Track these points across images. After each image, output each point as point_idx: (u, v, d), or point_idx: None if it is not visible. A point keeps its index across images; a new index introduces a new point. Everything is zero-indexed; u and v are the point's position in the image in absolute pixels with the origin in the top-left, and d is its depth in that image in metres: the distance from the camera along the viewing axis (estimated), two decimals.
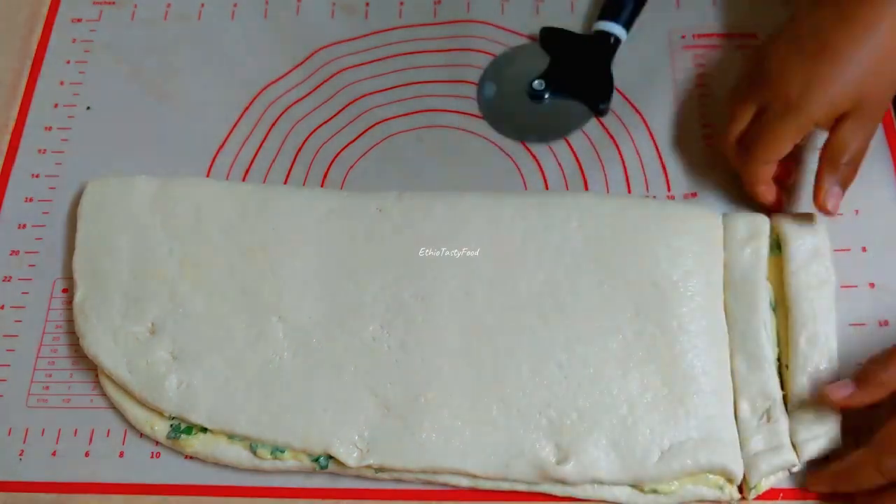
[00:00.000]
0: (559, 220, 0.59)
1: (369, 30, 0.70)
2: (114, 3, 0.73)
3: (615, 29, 0.66)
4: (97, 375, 0.58)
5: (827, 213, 0.55)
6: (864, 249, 0.59)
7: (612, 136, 0.65)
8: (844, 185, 0.55)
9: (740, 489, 0.53)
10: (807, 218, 0.58)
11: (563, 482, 0.52)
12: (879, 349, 0.55)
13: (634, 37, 0.67)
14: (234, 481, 0.55)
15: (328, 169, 0.65)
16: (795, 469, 0.53)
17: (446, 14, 0.71)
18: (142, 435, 0.56)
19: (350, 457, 0.53)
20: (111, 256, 0.60)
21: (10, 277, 0.62)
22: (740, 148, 0.58)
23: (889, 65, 0.53)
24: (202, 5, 0.72)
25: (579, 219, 0.59)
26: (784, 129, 0.54)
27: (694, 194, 0.62)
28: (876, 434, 0.49)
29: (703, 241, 0.57)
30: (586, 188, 0.63)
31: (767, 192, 0.58)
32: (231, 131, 0.67)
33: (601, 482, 0.52)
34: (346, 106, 0.67)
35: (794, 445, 0.52)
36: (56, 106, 0.68)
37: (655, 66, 0.67)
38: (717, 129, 0.62)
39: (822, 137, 0.55)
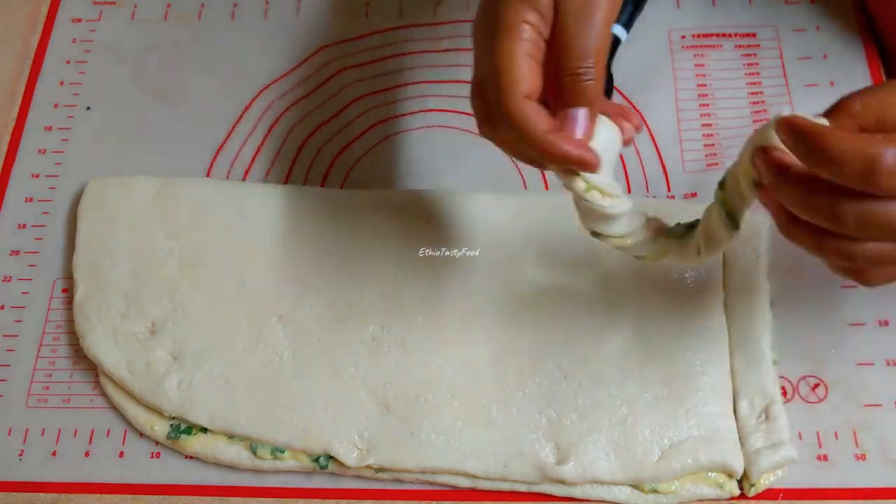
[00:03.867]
0: (559, 220, 0.59)
1: (369, 30, 0.70)
2: (114, 3, 0.73)
3: (615, 29, 0.66)
4: (97, 375, 0.58)
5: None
6: None
7: None
8: None
9: (740, 486, 0.53)
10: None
11: (562, 482, 0.52)
12: (879, 348, 0.55)
13: (634, 37, 0.67)
14: (234, 481, 0.55)
15: (328, 169, 0.65)
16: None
17: (446, 14, 0.71)
18: (142, 435, 0.56)
19: (350, 457, 0.53)
20: (111, 256, 0.60)
21: (10, 277, 0.62)
22: None
23: None
24: (202, 5, 0.72)
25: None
26: None
27: (694, 194, 0.62)
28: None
29: None
30: None
31: None
32: (231, 131, 0.67)
33: (601, 482, 0.52)
34: (346, 106, 0.67)
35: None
36: (56, 106, 0.68)
37: (655, 66, 0.67)
38: None
39: None
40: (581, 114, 0.43)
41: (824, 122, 0.38)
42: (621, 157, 0.63)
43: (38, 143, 0.67)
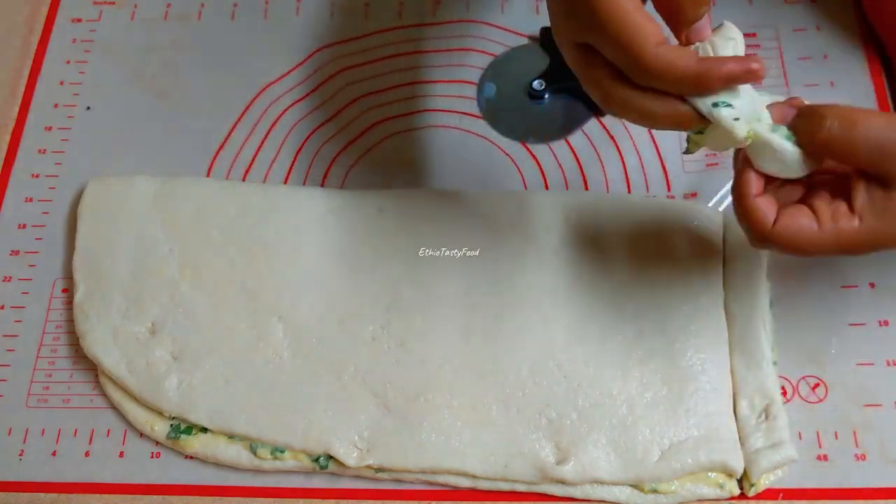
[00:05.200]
0: (559, 219, 0.59)
1: (369, 30, 0.70)
2: (114, 3, 0.73)
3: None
4: (97, 375, 0.58)
5: None
6: None
7: (612, 136, 0.65)
8: None
9: (740, 486, 0.53)
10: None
11: (562, 482, 0.52)
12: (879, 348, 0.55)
13: None
14: (234, 481, 0.55)
15: (328, 169, 0.65)
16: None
17: (446, 14, 0.71)
18: (142, 435, 0.56)
19: (350, 457, 0.53)
20: (111, 256, 0.60)
21: (10, 277, 0.62)
22: None
23: None
24: (202, 5, 0.72)
25: (579, 218, 0.59)
26: None
27: (694, 194, 0.62)
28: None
29: (702, 240, 0.57)
30: (586, 188, 0.63)
31: None
32: (231, 131, 0.67)
33: (601, 482, 0.52)
34: (346, 106, 0.67)
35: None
36: (56, 106, 0.68)
37: None
38: None
39: None
40: (704, 22, 0.43)
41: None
42: (621, 156, 0.64)
43: (38, 143, 0.67)
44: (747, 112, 0.42)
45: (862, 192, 0.43)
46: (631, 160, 0.64)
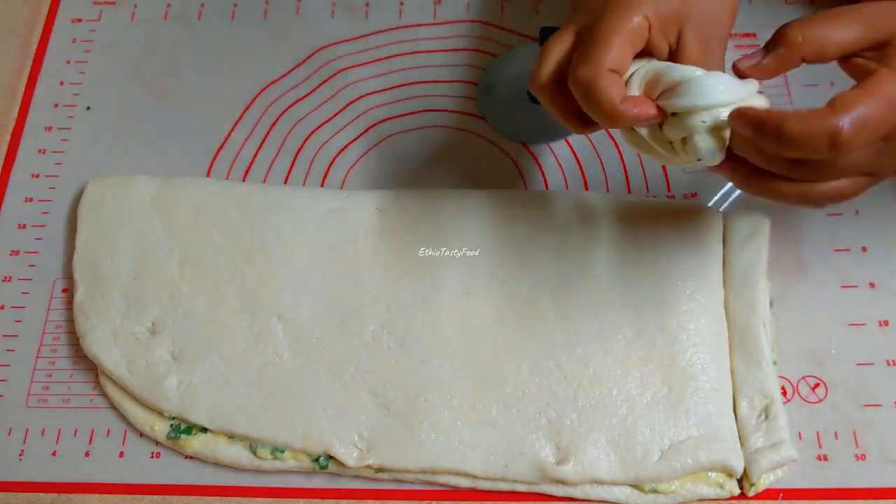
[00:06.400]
0: (559, 219, 0.59)
1: (369, 30, 0.70)
2: (114, 3, 0.73)
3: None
4: (97, 375, 0.58)
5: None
6: (864, 249, 0.59)
7: (612, 136, 0.65)
8: None
9: (740, 486, 0.53)
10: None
11: (562, 482, 0.52)
12: (879, 348, 0.55)
13: None
14: (234, 481, 0.55)
15: (328, 169, 0.65)
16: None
17: (446, 14, 0.71)
18: (142, 435, 0.56)
19: (350, 457, 0.53)
20: (111, 256, 0.60)
21: (10, 277, 0.62)
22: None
23: None
24: (202, 5, 0.72)
25: (579, 218, 0.59)
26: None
27: (694, 194, 0.62)
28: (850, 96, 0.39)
29: (702, 241, 0.57)
30: (586, 188, 0.63)
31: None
32: (231, 131, 0.67)
33: (601, 482, 0.52)
34: (346, 106, 0.67)
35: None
36: (56, 106, 0.68)
37: None
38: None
39: None
40: None
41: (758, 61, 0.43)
42: (620, 156, 0.64)
43: (38, 143, 0.67)
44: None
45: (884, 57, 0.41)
46: (631, 160, 0.63)
